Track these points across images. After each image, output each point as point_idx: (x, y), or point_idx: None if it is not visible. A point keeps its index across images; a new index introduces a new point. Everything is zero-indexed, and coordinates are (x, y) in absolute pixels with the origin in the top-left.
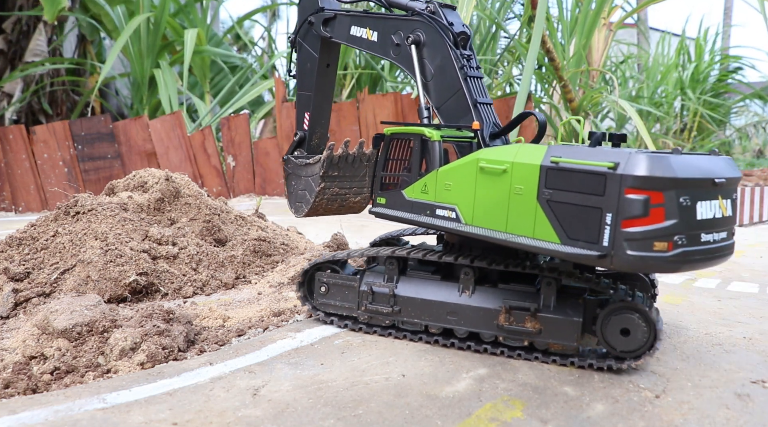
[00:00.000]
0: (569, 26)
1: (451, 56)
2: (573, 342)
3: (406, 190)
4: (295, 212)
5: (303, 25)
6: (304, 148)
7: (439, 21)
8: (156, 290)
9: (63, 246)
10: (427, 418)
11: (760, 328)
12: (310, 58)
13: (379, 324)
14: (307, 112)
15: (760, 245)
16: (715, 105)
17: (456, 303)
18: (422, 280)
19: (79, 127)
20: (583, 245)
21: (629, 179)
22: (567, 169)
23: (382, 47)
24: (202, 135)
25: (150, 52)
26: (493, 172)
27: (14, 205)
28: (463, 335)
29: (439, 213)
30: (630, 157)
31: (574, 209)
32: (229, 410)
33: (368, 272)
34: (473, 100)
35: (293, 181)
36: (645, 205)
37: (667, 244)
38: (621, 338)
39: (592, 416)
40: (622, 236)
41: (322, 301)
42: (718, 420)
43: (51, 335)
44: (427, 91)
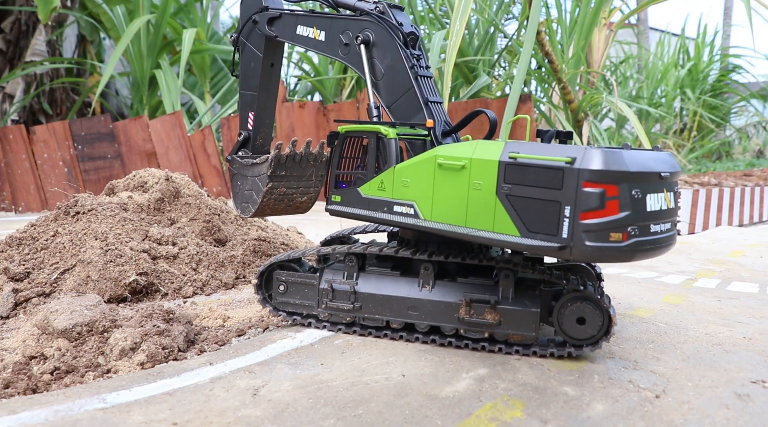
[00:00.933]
0: (568, 27)
1: (401, 56)
2: (532, 332)
3: (362, 188)
4: (241, 212)
5: (246, 24)
6: (248, 147)
7: (389, 21)
8: (156, 290)
9: (63, 246)
10: (427, 418)
11: (760, 328)
12: (254, 57)
13: (340, 321)
14: (251, 111)
15: (760, 245)
16: (715, 105)
17: (417, 298)
18: (382, 276)
19: (79, 127)
20: (543, 237)
21: (586, 173)
22: (525, 165)
23: (330, 47)
24: (202, 135)
25: (150, 52)
26: (452, 168)
27: (14, 205)
28: (424, 329)
29: (396, 210)
30: (586, 152)
31: (532, 203)
32: (229, 410)
33: (327, 269)
34: (424, 99)
35: (239, 181)
36: (601, 197)
37: (621, 234)
38: (577, 327)
39: (592, 416)
40: (580, 228)
41: (282, 300)
42: (718, 420)
43: (51, 335)
44: (377, 90)
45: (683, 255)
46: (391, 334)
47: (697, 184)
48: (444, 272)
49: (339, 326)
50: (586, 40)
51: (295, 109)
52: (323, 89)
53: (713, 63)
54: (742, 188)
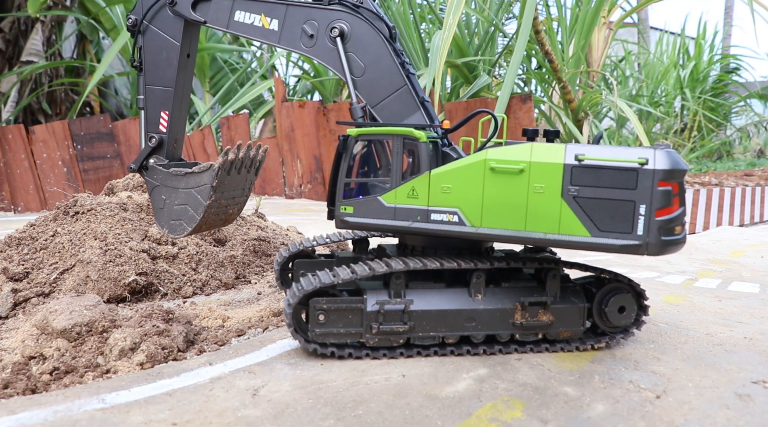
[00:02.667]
0: (568, 27)
1: (389, 51)
2: (580, 327)
3: (384, 197)
4: (170, 232)
5: (154, 6)
6: (161, 153)
7: (371, 12)
8: (155, 290)
9: (62, 246)
10: (427, 418)
11: (760, 328)
12: (166, 46)
13: (390, 345)
14: (164, 110)
15: (760, 244)
16: (716, 105)
17: (472, 308)
18: (427, 290)
19: (78, 127)
20: (617, 236)
21: (660, 173)
22: (594, 166)
23: (287, 38)
24: (202, 135)
25: None
26: (508, 172)
27: (13, 205)
28: (480, 339)
29: (435, 218)
30: (657, 154)
31: (603, 203)
32: (229, 411)
33: (369, 290)
34: (421, 99)
35: (163, 195)
36: (671, 195)
37: (680, 227)
38: (618, 315)
39: (592, 416)
40: (656, 225)
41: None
42: (718, 420)
43: (50, 335)
44: (357, 88)
45: (684, 255)
46: (441, 350)
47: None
48: (489, 279)
49: (384, 350)
50: (586, 40)
51: (294, 109)
52: (323, 89)
53: (713, 63)
54: (742, 188)
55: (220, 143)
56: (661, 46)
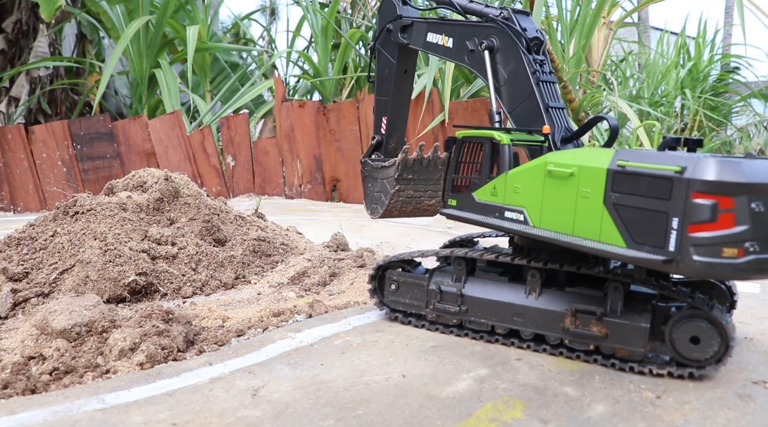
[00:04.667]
0: (569, 26)
1: (523, 61)
2: (640, 348)
3: (476, 193)
4: (371, 213)
5: (382, 32)
6: (381, 151)
7: (513, 27)
8: (155, 290)
9: (62, 246)
10: (428, 418)
11: (761, 328)
12: (388, 64)
13: (447, 323)
14: (384, 116)
15: None
16: (717, 104)
17: (522, 305)
18: (490, 281)
19: (78, 127)
20: (649, 250)
21: (697, 184)
22: (634, 173)
23: (457, 53)
24: (202, 135)
25: (149, 51)
26: (561, 175)
27: (13, 205)
28: (528, 336)
29: (507, 215)
30: (698, 162)
31: (640, 213)
32: (229, 411)
33: (437, 271)
34: (545, 105)
35: (369, 183)
36: (713, 210)
37: (737, 250)
38: (691, 346)
39: (592, 416)
40: (688, 241)
41: (392, 298)
42: (719, 421)
43: (50, 335)
44: (499, 95)
45: None
46: (502, 339)
47: None
48: (552, 280)
49: (444, 326)
50: (587, 40)
51: (294, 109)
52: (323, 89)
53: (714, 63)
54: None
55: (219, 143)
56: (661, 45)
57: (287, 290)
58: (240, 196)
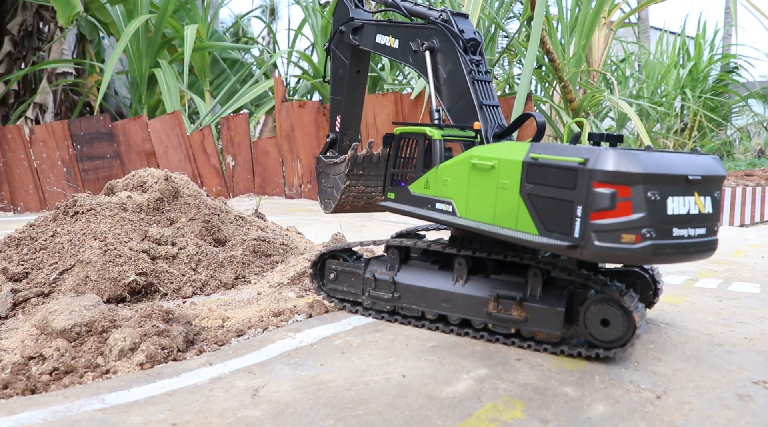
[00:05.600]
0: (569, 26)
1: (460, 61)
2: (557, 331)
3: (411, 186)
4: (324, 208)
5: (335, 34)
6: (335, 149)
7: (451, 29)
8: (155, 290)
9: (62, 246)
10: (428, 418)
11: (761, 328)
12: (341, 64)
13: (381, 309)
14: (339, 115)
15: (761, 245)
16: (716, 104)
17: (449, 291)
18: (422, 269)
19: (78, 127)
20: (558, 236)
21: (597, 174)
22: (544, 165)
23: (402, 54)
24: (202, 135)
25: (149, 51)
26: (483, 168)
27: (13, 205)
28: (455, 321)
29: (438, 207)
30: (599, 154)
31: (550, 202)
32: (229, 411)
33: (373, 260)
34: (479, 102)
35: (323, 179)
36: (612, 198)
37: (634, 236)
38: (602, 329)
39: (592, 416)
40: (590, 228)
41: (331, 287)
42: (719, 421)
43: (50, 335)
44: (439, 94)
45: None
46: (429, 324)
47: None
48: (480, 269)
49: (381, 314)
50: (587, 40)
51: (294, 109)
52: (323, 89)
53: (713, 63)
54: (743, 188)
55: (219, 143)
56: (661, 45)
57: (287, 290)
58: (240, 196)
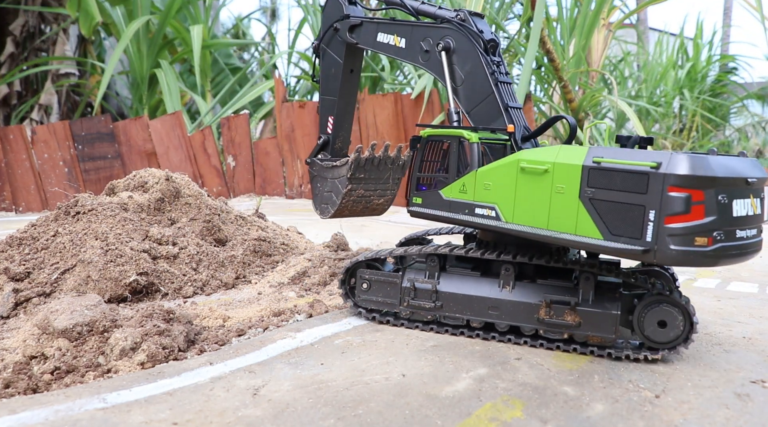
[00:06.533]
0: (569, 27)
1: (482, 62)
2: (611, 334)
3: (443, 190)
4: (321, 213)
5: (328, 32)
6: (327, 151)
7: (470, 28)
8: (156, 289)
9: (63, 246)
10: (427, 418)
11: (759, 328)
12: (334, 63)
13: (421, 319)
14: (331, 116)
15: None
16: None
17: (497, 298)
18: (462, 276)
19: (79, 128)
20: (627, 241)
21: (672, 178)
22: (609, 169)
23: (410, 53)
24: (202, 135)
25: (150, 51)
26: (535, 172)
27: (14, 205)
28: (504, 328)
29: (478, 212)
30: (672, 158)
31: (616, 207)
32: (229, 410)
33: (409, 268)
34: (504, 105)
35: (318, 183)
36: (687, 202)
37: (707, 239)
38: (658, 330)
39: (591, 415)
40: (665, 232)
41: (365, 297)
42: (717, 420)
43: (51, 334)
44: (457, 95)
45: None
46: (468, 332)
47: None
48: (524, 274)
49: (418, 323)
50: (587, 40)
51: (294, 109)
52: None
53: (712, 63)
54: None
55: (221, 144)
56: (660, 46)
57: (288, 290)
58: (240, 196)
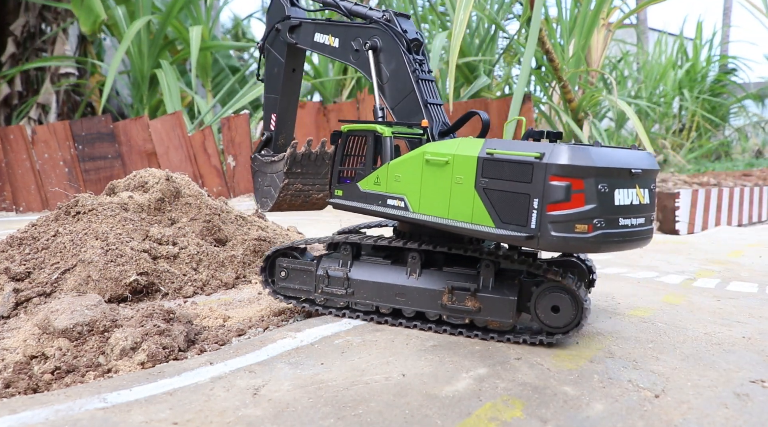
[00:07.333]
0: (568, 27)
1: (404, 61)
2: (509, 319)
3: (360, 183)
4: (261, 207)
5: (271, 32)
6: (270, 147)
7: (394, 28)
8: (156, 289)
9: (64, 246)
10: (427, 417)
11: (759, 327)
12: (277, 63)
13: (334, 306)
14: (274, 113)
15: (759, 244)
16: (714, 105)
17: (404, 285)
18: (374, 264)
19: (79, 127)
20: (514, 228)
21: (553, 167)
22: (500, 160)
23: (342, 53)
24: (203, 135)
25: (151, 52)
26: (437, 163)
27: (15, 205)
28: (410, 314)
29: (389, 203)
30: (554, 148)
31: (506, 196)
32: (230, 410)
33: (325, 257)
34: (424, 101)
35: (260, 178)
36: (567, 190)
37: (587, 226)
38: (552, 315)
39: (591, 415)
40: (547, 219)
41: (283, 284)
42: (717, 420)
43: (52, 334)
44: (382, 92)
45: (683, 255)
46: (378, 318)
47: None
48: (432, 263)
49: (331, 309)
50: (586, 40)
51: None
52: (323, 89)
53: (711, 64)
54: (741, 188)
55: (221, 145)
56: (659, 46)
57: None
58: (241, 196)
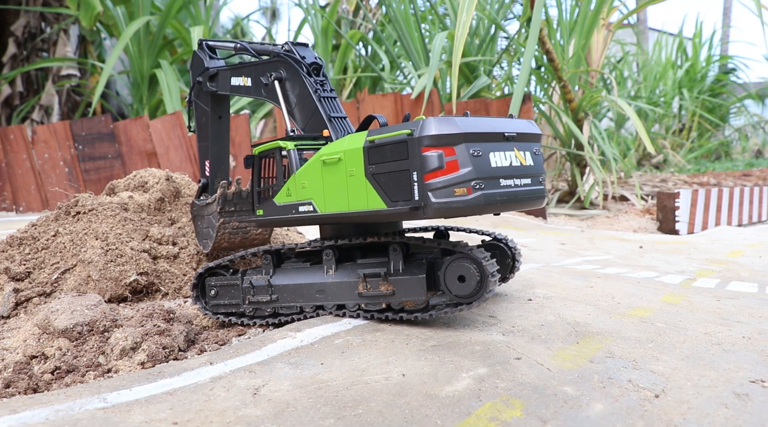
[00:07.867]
0: (568, 27)
1: (306, 83)
2: (422, 296)
3: (275, 198)
4: (203, 248)
5: (195, 86)
6: (208, 192)
7: (294, 56)
8: (156, 289)
9: (64, 246)
10: (427, 417)
11: (759, 327)
12: (204, 112)
13: (263, 314)
14: (207, 160)
15: (759, 244)
16: (714, 105)
17: (322, 282)
18: (295, 269)
19: (79, 127)
20: (402, 204)
21: (425, 139)
22: (380, 145)
23: (256, 89)
24: None
25: (150, 51)
26: (332, 162)
27: (15, 205)
28: (331, 309)
29: (301, 209)
30: (423, 123)
31: (391, 176)
32: (230, 410)
33: (249, 270)
34: (327, 116)
35: (198, 222)
36: (440, 159)
37: (466, 189)
38: (458, 284)
39: (591, 415)
40: (426, 188)
41: (214, 302)
42: (717, 420)
43: (52, 334)
44: (293, 116)
45: (683, 255)
46: (298, 317)
47: (696, 184)
48: (347, 257)
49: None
50: (586, 40)
51: None
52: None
53: (711, 63)
54: (741, 188)
55: None
56: (659, 46)
57: None
58: None
